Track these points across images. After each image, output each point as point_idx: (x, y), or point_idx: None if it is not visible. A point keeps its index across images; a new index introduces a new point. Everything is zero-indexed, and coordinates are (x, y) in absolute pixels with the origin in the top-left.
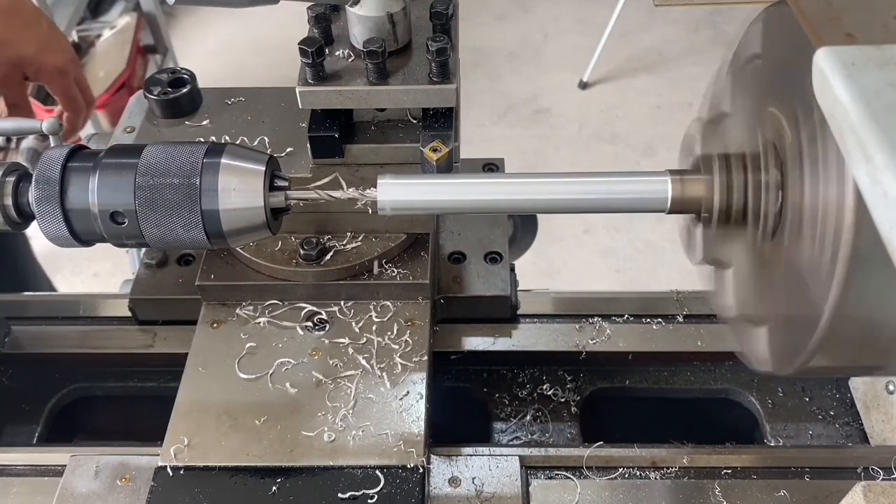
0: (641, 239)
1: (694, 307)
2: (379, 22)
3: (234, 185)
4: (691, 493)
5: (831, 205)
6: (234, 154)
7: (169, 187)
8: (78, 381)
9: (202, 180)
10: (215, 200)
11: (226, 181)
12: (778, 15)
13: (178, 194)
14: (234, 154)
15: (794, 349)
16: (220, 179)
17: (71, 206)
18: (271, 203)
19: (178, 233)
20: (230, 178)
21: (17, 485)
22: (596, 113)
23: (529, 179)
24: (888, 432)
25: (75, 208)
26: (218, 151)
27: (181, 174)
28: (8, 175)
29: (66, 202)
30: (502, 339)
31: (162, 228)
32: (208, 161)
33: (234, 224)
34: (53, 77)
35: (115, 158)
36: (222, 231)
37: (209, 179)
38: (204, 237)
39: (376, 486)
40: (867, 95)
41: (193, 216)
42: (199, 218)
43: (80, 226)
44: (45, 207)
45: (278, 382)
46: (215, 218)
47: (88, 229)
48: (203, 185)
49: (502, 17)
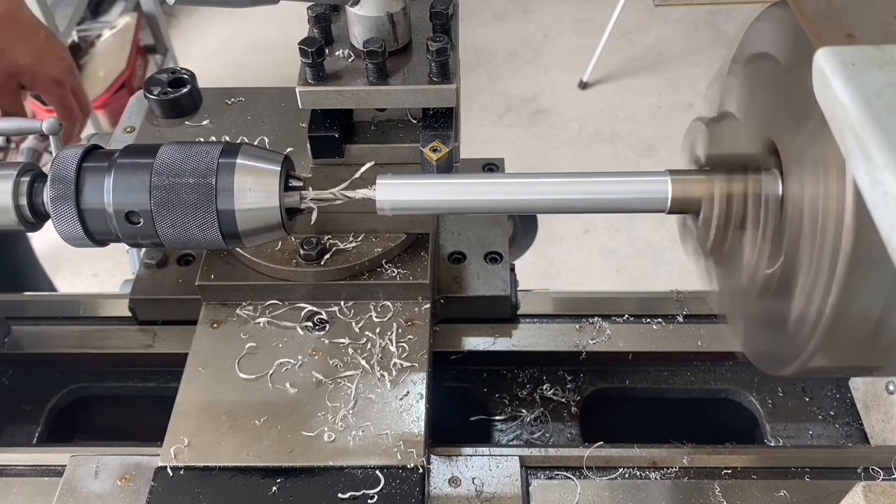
0: (641, 239)
1: (694, 307)
2: (379, 22)
3: (250, 185)
4: (691, 494)
5: (831, 205)
6: (250, 154)
7: (185, 187)
8: (78, 381)
9: (218, 180)
10: (231, 200)
11: (241, 181)
12: (778, 15)
13: (193, 194)
14: (250, 154)
15: (794, 349)
16: (235, 179)
17: (86, 205)
18: (286, 203)
19: (194, 233)
20: (246, 178)
21: (17, 485)
22: (596, 113)
23: (529, 179)
24: (888, 432)
25: (90, 208)
26: (234, 151)
27: (197, 174)
28: (23, 175)
29: (82, 202)
30: (502, 339)
31: (177, 228)
32: (224, 161)
33: (249, 224)
34: (50, 87)
35: (131, 158)
36: (238, 231)
37: (225, 179)
38: (219, 237)
39: (376, 487)
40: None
41: (209, 216)
42: (215, 218)
43: (94, 226)
44: (61, 207)
45: (278, 382)
46: (231, 218)
47: (103, 229)
48: (219, 185)
49: (502, 17)
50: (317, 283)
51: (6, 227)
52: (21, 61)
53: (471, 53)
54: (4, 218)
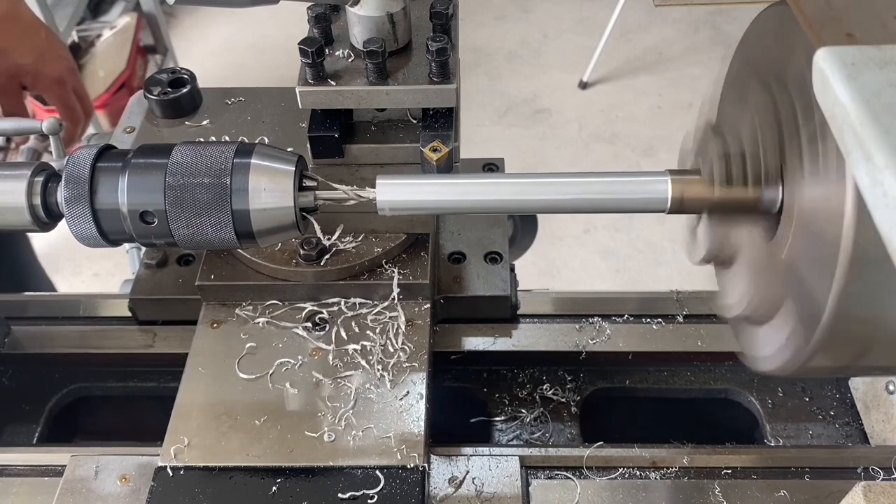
0: (641, 239)
1: (694, 307)
2: (379, 22)
3: (265, 185)
4: (691, 493)
5: (831, 205)
6: (265, 154)
7: (199, 187)
8: (78, 381)
9: (233, 180)
10: (246, 200)
11: (256, 181)
12: (778, 15)
13: (208, 194)
14: (265, 154)
15: (794, 349)
16: (250, 179)
17: (100, 205)
18: (301, 203)
19: (208, 232)
20: (261, 178)
21: (17, 485)
22: (596, 113)
23: (529, 179)
24: (888, 432)
25: (105, 208)
26: (248, 151)
27: (211, 174)
28: (36, 175)
29: (96, 202)
30: (502, 339)
31: (192, 228)
32: (238, 161)
33: (264, 224)
34: (51, 87)
35: (145, 158)
36: (252, 231)
37: (240, 179)
38: (234, 237)
39: (376, 487)
40: (867, 95)
41: (224, 216)
42: (230, 218)
43: (109, 226)
44: (75, 207)
45: (278, 382)
46: (245, 218)
47: (117, 229)
48: (234, 185)
49: (502, 17)
50: (317, 283)
51: (20, 227)
52: (22, 61)
53: (471, 53)
54: (18, 218)
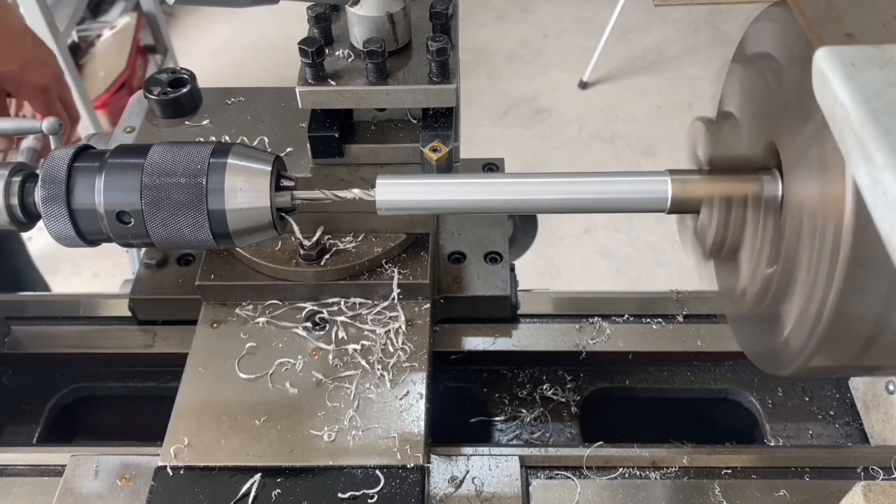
0: (641, 239)
1: (694, 307)
2: (379, 22)
3: (241, 185)
4: (691, 493)
5: (831, 205)
6: (241, 154)
7: (175, 187)
8: (78, 381)
9: (208, 180)
10: (222, 200)
11: (232, 181)
12: (778, 15)
13: (184, 194)
14: (241, 154)
15: (794, 349)
16: (226, 179)
17: (77, 205)
18: (277, 203)
19: (185, 233)
20: (236, 178)
21: (17, 485)
22: (596, 113)
23: (529, 179)
24: (888, 432)
25: (81, 208)
26: (224, 151)
27: (187, 174)
28: (14, 175)
29: (73, 202)
30: (502, 339)
31: (168, 228)
32: (214, 161)
33: (240, 224)
34: (35, 94)
35: (122, 158)
36: (228, 231)
37: (215, 179)
38: (210, 237)
39: (376, 486)
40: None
41: (200, 216)
42: (206, 218)
43: (86, 226)
44: (52, 207)
45: (278, 382)
46: (221, 218)
47: (94, 229)
48: (209, 185)
49: (502, 17)
50: (317, 283)
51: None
52: (5, 68)
53: (471, 53)
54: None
